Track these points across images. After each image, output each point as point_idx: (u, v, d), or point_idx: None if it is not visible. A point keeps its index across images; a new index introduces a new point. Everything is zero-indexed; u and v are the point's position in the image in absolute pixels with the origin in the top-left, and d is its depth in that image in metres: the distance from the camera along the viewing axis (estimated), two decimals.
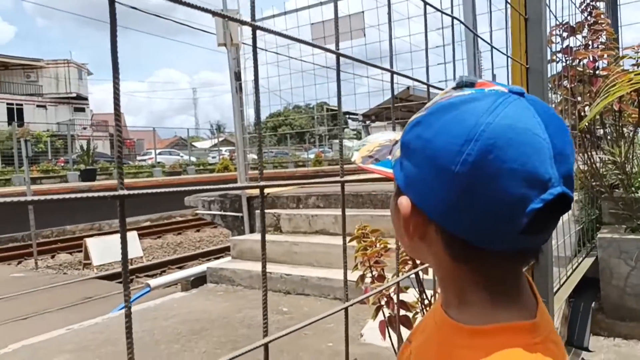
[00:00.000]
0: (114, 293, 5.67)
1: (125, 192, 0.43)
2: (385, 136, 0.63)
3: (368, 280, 1.71)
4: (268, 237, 4.19)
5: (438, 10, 1.18)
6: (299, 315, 3.06)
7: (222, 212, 5.05)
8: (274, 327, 2.91)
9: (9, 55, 32.51)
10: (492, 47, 1.33)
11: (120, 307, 3.90)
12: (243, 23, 0.61)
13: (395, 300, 1.53)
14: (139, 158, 29.13)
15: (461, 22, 1.25)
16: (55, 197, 0.40)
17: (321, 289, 3.41)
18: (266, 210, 4.53)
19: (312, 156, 31.57)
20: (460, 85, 0.50)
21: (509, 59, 1.43)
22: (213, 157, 30.68)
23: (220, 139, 45.87)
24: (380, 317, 1.65)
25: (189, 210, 14.11)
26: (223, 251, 8.48)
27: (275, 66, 6.55)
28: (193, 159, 28.92)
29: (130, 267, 5.56)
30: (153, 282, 4.23)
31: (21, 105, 31.30)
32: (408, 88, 10.80)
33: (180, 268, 7.72)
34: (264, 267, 0.65)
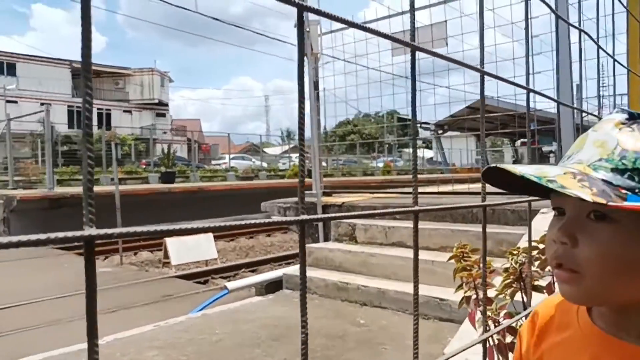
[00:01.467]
0: (191, 293, 5.90)
1: (306, 217, 0.43)
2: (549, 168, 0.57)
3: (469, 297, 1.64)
4: (344, 246, 4.19)
5: (552, 11, 1.12)
6: (376, 329, 3.02)
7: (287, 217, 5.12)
8: (351, 339, 2.89)
9: (101, 64, 35.15)
10: (614, 59, 1.24)
11: (201, 308, 4.05)
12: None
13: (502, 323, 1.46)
14: (213, 162, 30.35)
15: (582, 30, 1.18)
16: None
17: (399, 303, 3.35)
18: (342, 220, 4.54)
19: (380, 165, 31.37)
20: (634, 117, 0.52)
21: (629, 71, 1.33)
22: (283, 164, 31.34)
23: (291, 146, 46.58)
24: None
25: (260, 215, 14.50)
26: (294, 257, 8.59)
27: (343, 75, 6.56)
28: (264, 164, 29.68)
29: (206, 268, 5.78)
30: (230, 284, 4.36)
31: (110, 110, 33.70)
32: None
33: (253, 272, 7.92)
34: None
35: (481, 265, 1.64)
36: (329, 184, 6.01)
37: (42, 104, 29.24)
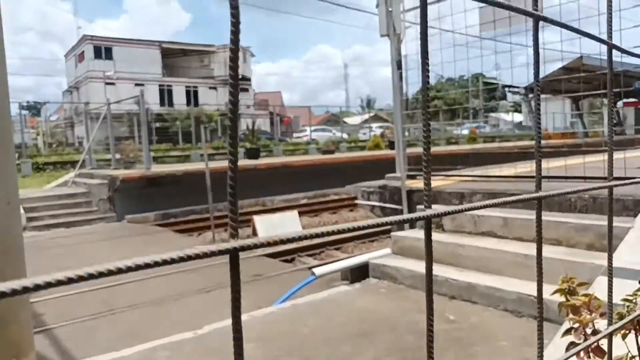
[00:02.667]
0: (280, 273, 6.12)
1: (431, 211, 0.41)
2: None
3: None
4: None
5: None
6: (467, 326, 2.95)
7: (381, 204, 5.08)
8: (440, 338, 2.85)
9: (186, 43, 36.65)
10: None
11: (290, 294, 4.19)
12: None
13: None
14: (295, 135, 30.92)
15: None
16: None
17: (490, 298, 3.24)
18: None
19: (465, 132, 30.06)
20: None
21: None
22: (364, 134, 31.17)
23: (371, 115, 46.10)
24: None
25: (343, 189, 14.60)
26: (378, 234, 8.60)
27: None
28: (345, 135, 29.70)
29: (292, 245, 5.93)
30: (317, 270, 4.46)
31: (196, 87, 35.22)
32: (581, 57, 9.58)
33: (337, 249, 8.05)
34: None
35: (593, 303, 1.52)
36: (412, 156, 5.84)
37: (136, 85, 31.21)
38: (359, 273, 4.62)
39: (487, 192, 4.17)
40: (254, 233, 8.68)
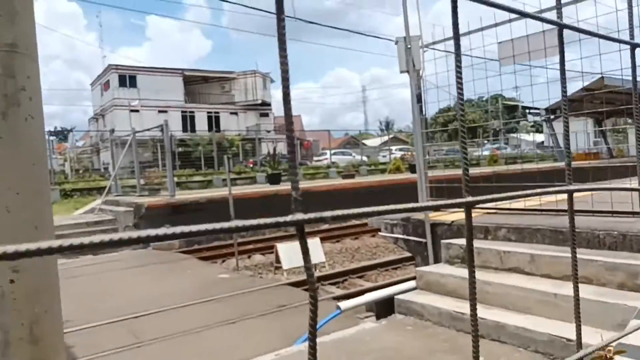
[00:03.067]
0: (304, 303, 6.12)
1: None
2: None
3: None
4: (455, 270, 4.10)
5: None
6: None
7: (404, 236, 5.09)
8: None
9: (208, 70, 37.51)
10: None
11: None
12: None
13: None
14: (315, 158, 31.10)
15: None
16: None
17: (520, 339, 3.21)
18: (452, 241, 4.43)
19: (486, 153, 29.86)
20: None
21: None
22: (384, 156, 31.19)
23: (390, 136, 46.04)
24: None
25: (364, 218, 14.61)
26: (401, 261, 8.57)
27: (444, 57, 6.21)
28: (364, 158, 29.78)
29: (315, 274, 5.91)
30: (343, 304, 4.47)
31: (218, 113, 35.87)
32: (602, 77, 9.52)
33: (361, 277, 8.04)
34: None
35: None
36: (433, 179, 5.85)
37: (159, 112, 31.96)
38: (384, 305, 4.62)
39: (513, 227, 4.15)
40: (277, 261, 8.73)
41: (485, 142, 34.32)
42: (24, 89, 2.51)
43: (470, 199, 0.51)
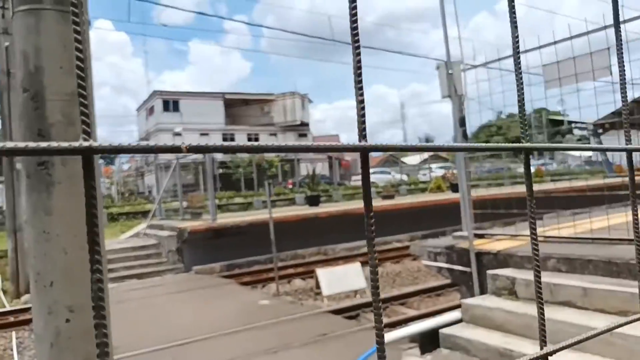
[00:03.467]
0: (345, 332, 6.07)
1: None
2: None
3: None
4: (503, 303, 3.98)
5: None
6: None
7: (448, 265, 5.00)
8: None
9: (247, 93, 38.40)
10: None
11: None
12: None
13: None
14: (353, 178, 31.07)
15: None
16: None
17: None
18: (499, 272, 4.31)
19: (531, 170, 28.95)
20: None
21: None
22: (424, 175, 30.82)
23: (430, 154, 45.55)
24: None
25: (404, 236, 14.42)
26: (444, 288, 8.38)
27: (485, 72, 6.10)
28: (404, 177, 29.51)
29: (356, 301, 5.88)
30: (385, 337, 4.39)
31: (257, 135, 36.50)
32: None
33: (402, 304, 7.91)
34: None
35: None
36: (477, 200, 5.73)
37: (201, 135, 32.82)
38: (428, 337, 4.52)
39: (563, 258, 4.00)
40: (317, 286, 8.70)
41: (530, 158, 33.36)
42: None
43: (528, 145, 0.52)
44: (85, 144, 0.35)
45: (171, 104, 34.34)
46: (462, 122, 5.40)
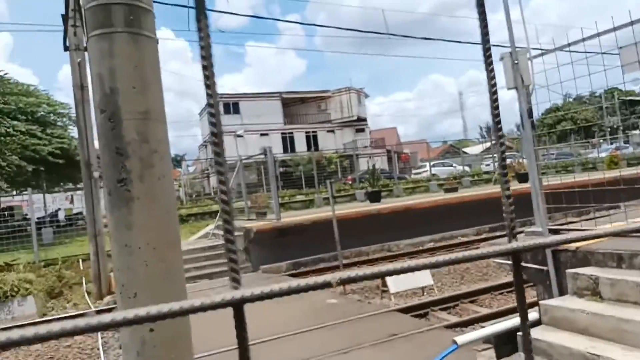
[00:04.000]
0: (415, 332, 5.98)
1: None
2: None
3: None
4: (586, 305, 3.75)
5: None
6: None
7: (522, 264, 4.77)
8: None
9: (304, 91, 38.69)
10: None
11: None
12: None
13: None
14: (414, 171, 30.54)
15: None
16: None
17: None
18: (579, 271, 4.07)
19: (603, 155, 27.17)
20: None
21: None
22: (487, 165, 29.75)
23: (493, 142, 43.94)
24: None
25: (470, 230, 14.01)
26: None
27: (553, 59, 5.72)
28: (467, 168, 28.64)
29: (424, 299, 5.75)
30: (460, 339, 4.28)
31: (315, 132, 36.76)
32: None
33: (472, 302, 7.68)
34: None
35: None
36: (548, 189, 5.45)
37: (261, 135, 33.51)
38: (504, 339, 4.35)
39: None
40: (384, 284, 8.64)
41: (601, 141, 31.30)
42: (156, 151, 2.76)
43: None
44: (237, 294, 0.37)
45: (231, 106, 35.29)
46: (530, 113, 5.14)
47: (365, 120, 38.74)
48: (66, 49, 10.60)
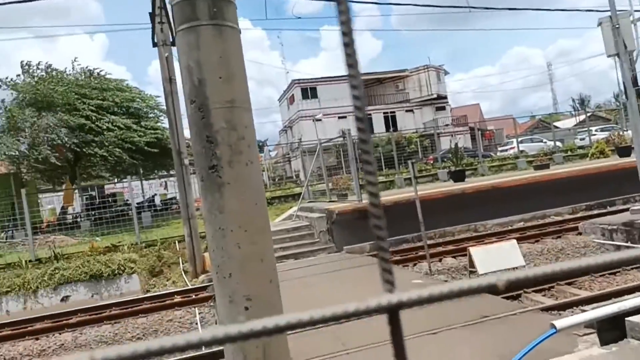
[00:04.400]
0: (508, 314, 5.76)
1: None
2: None
3: None
4: None
5: None
6: None
7: (629, 244, 4.42)
8: None
9: (381, 72, 38.10)
10: None
11: (527, 351, 3.90)
12: None
13: None
14: (500, 149, 29.10)
15: None
16: None
17: None
18: None
19: None
20: None
21: None
22: (581, 139, 27.61)
23: (588, 115, 40.80)
24: None
25: (564, 209, 13.14)
26: (620, 265, 7.46)
27: None
28: (558, 144, 26.80)
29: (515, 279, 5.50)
30: (559, 323, 4.05)
31: (394, 112, 36.18)
32: None
33: (570, 284, 7.23)
34: None
35: None
36: None
37: (339, 118, 33.57)
38: (608, 323, 4.06)
39: None
40: (471, 265, 8.39)
41: None
42: (243, 138, 2.86)
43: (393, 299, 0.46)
44: (393, 299, 0.36)
45: (309, 90, 35.65)
46: (635, 81, 4.68)
47: (445, 97, 37.44)
48: (154, 45, 11.24)
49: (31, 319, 9.28)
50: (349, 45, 0.37)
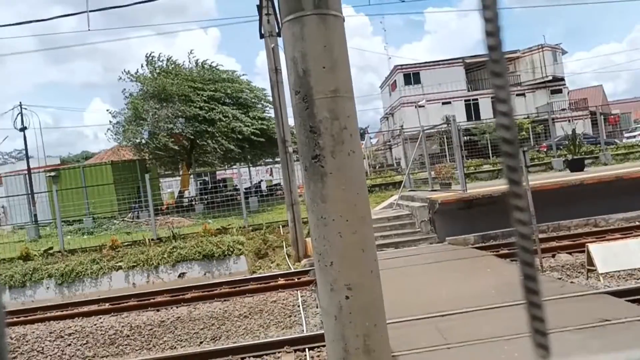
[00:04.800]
0: (634, 319, 5.21)
1: None
2: None
3: None
4: None
5: None
6: None
7: None
8: None
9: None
10: None
11: None
12: None
13: None
14: (626, 135, 26.23)
15: None
16: None
17: None
18: None
19: None
20: None
21: None
22: None
23: None
24: None
25: None
26: None
27: None
28: None
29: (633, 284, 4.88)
30: None
31: None
32: None
33: None
34: None
35: None
36: None
37: (442, 104, 32.48)
38: None
39: None
40: (590, 263, 7.70)
41: None
42: (345, 127, 2.86)
43: None
44: None
45: (412, 76, 34.85)
46: None
47: (562, 79, 34.45)
48: (261, 36, 11.66)
49: (153, 292, 10.27)
50: (492, 35, 0.34)
